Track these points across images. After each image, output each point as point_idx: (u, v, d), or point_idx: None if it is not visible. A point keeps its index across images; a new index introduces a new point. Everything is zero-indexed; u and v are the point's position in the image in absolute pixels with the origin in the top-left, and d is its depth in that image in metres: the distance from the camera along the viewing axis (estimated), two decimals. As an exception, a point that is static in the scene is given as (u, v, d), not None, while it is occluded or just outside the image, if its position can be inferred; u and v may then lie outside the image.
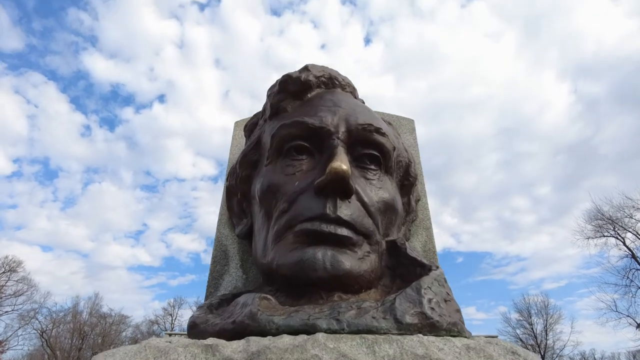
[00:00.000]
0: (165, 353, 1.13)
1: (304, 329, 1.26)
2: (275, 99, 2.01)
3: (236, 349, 1.15)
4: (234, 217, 2.21)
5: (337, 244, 1.55)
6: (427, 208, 2.32)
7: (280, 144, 1.81)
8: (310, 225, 1.56)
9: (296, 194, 1.66)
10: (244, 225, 2.11)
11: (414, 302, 1.34)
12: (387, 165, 1.86)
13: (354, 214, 1.61)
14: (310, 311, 1.35)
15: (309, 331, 1.24)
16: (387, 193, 1.79)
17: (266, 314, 1.35)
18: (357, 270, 1.54)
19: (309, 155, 1.78)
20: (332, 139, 1.74)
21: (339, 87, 2.11)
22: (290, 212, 1.64)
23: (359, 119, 1.82)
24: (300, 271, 1.50)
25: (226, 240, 2.24)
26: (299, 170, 1.74)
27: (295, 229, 1.59)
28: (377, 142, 1.80)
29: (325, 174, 1.57)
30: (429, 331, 1.28)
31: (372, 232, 1.65)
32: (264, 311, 1.36)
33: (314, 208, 1.58)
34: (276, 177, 1.76)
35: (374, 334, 1.23)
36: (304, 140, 1.78)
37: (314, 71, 2.03)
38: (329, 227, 1.55)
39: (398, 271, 1.68)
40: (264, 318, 1.33)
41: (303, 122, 1.78)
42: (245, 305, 1.44)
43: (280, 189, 1.71)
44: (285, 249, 1.59)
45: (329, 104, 1.89)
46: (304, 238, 1.56)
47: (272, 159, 1.84)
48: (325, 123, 1.77)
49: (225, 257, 2.19)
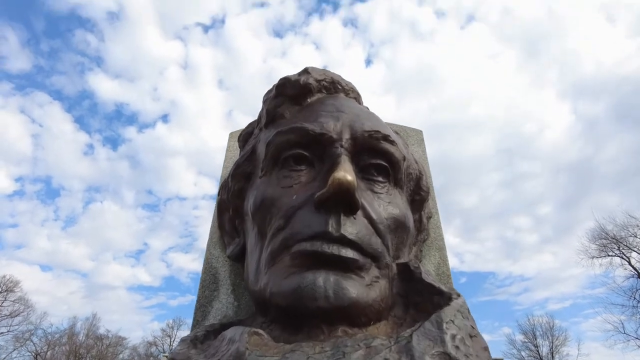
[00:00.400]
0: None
1: None
2: (272, 104, 1.81)
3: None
4: (226, 236, 1.99)
5: (341, 268, 1.33)
6: (440, 226, 2.10)
7: (277, 152, 1.60)
8: (310, 246, 1.33)
9: (294, 209, 1.44)
10: (235, 245, 1.89)
11: (435, 340, 1.11)
12: (396, 177, 1.64)
13: (361, 232, 1.39)
14: (308, 350, 1.12)
15: None
16: (397, 208, 1.57)
17: (256, 353, 1.12)
18: (364, 299, 1.31)
19: (309, 166, 1.57)
20: (334, 147, 1.53)
21: (342, 92, 1.91)
22: (286, 230, 1.42)
23: (365, 125, 1.62)
24: (298, 300, 1.27)
25: (216, 262, 2.01)
26: (297, 182, 1.53)
27: (292, 249, 1.37)
28: (385, 150, 1.59)
29: (327, 186, 1.35)
30: None
31: (381, 254, 1.43)
32: (254, 350, 1.13)
33: (314, 225, 1.36)
34: (271, 190, 1.55)
35: None
36: (303, 148, 1.57)
37: (314, 74, 1.84)
38: (332, 247, 1.33)
39: (411, 299, 1.45)
40: (253, 359, 1.09)
41: (302, 128, 1.57)
42: (232, 341, 1.21)
43: (276, 203, 1.50)
44: (280, 273, 1.36)
45: (331, 109, 1.69)
46: (302, 260, 1.34)
47: (267, 170, 1.63)
48: (327, 129, 1.57)
49: (215, 282, 1.95)
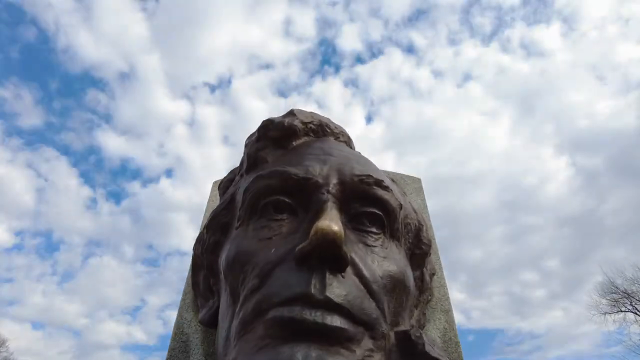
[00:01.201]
0: None
1: None
2: (254, 147, 1.63)
3: None
4: (199, 296, 1.73)
5: (325, 340, 1.07)
6: (445, 285, 1.84)
7: (255, 200, 1.39)
8: (288, 312, 1.08)
9: (271, 265, 1.21)
10: (208, 308, 1.63)
11: None
12: (392, 228, 1.42)
13: (350, 294, 1.14)
14: None
15: None
16: (394, 264, 1.34)
17: None
18: None
19: (291, 214, 1.36)
20: (320, 193, 1.33)
21: (331, 135, 1.74)
22: (261, 291, 1.17)
23: (355, 169, 1.42)
24: None
25: (188, 327, 1.74)
26: (277, 234, 1.31)
27: (266, 316, 1.12)
28: (378, 197, 1.39)
29: (309, 237, 1.13)
30: None
31: (375, 321, 1.17)
32: None
33: (294, 285, 1.12)
34: (247, 242, 1.32)
35: None
36: (285, 195, 1.37)
37: (300, 116, 1.68)
38: (315, 314, 1.08)
39: None
40: None
41: (284, 172, 1.38)
42: None
43: (252, 258, 1.27)
44: (251, 346, 1.10)
45: (318, 152, 1.51)
46: (278, 330, 1.08)
47: (243, 219, 1.41)
48: (313, 173, 1.37)
49: (186, 351, 1.67)
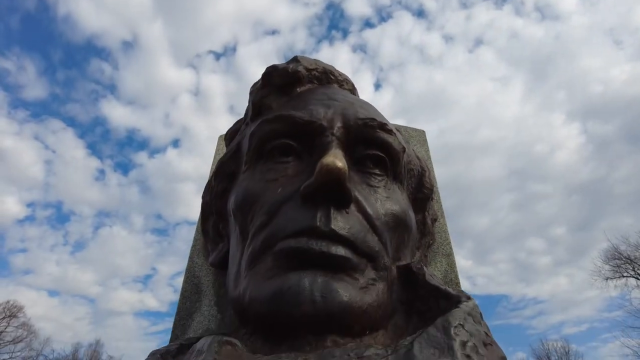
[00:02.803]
0: None
1: None
2: (258, 95, 1.65)
3: None
4: (209, 242, 1.80)
5: (330, 268, 1.13)
6: (446, 230, 1.90)
7: (261, 144, 1.43)
8: (295, 243, 1.14)
9: (278, 204, 1.26)
10: (218, 251, 1.70)
11: (441, 348, 0.91)
12: (395, 171, 1.46)
13: (354, 227, 1.19)
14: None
15: None
16: (396, 204, 1.38)
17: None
18: (358, 304, 1.10)
19: (296, 158, 1.39)
20: (324, 136, 1.35)
21: (335, 82, 1.75)
22: (269, 227, 1.23)
23: (359, 113, 1.44)
24: (279, 306, 1.08)
25: (199, 271, 1.82)
26: (283, 175, 1.35)
27: (275, 248, 1.18)
28: (382, 140, 1.41)
29: (314, 174, 1.18)
30: None
31: (378, 253, 1.23)
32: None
33: (300, 220, 1.17)
34: (254, 184, 1.37)
35: None
36: (290, 138, 1.40)
37: (304, 63, 1.68)
38: (320, 244, 1.13)
39: (415, 307, 1.24)
40: None
41: (289, 117, 1.40)
42: (200, 352, 1.02)
43: (259, 198, 1.31)
44: (261, 276, 1.17)
45: (322, 97, 1.53)
46: (285, 260, 1.14)
47: (250, 163, 1.45)
48: (317, 117, 1.39)
49: (198, 292, 1.76)
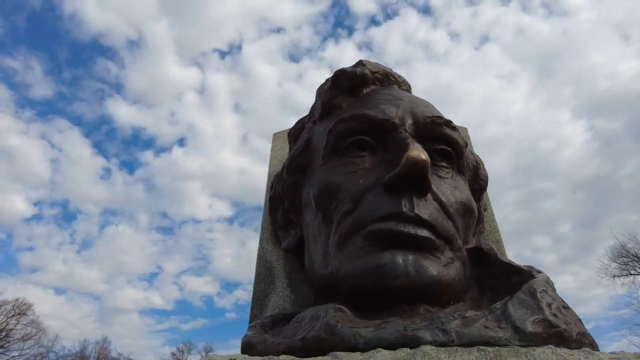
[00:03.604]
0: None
1: (402, 342, 1.00)
2: (327, 96, 1.84)
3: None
4: (279, 229, 1.99)
5: (417, 248, 1.31)
6: (494, 219, 2.08)
7: (338, 140, 1.61)
8: (384, 226, 1.32)
9: (361, 193, 1.44)
10: (292, 237, 1.88)
11: (532, 308, 1.09)
12: (459, 164, 1.64)
13: (433, 213, 1.38)
14: (403, 322, 1.10)
15: (408, 345, 0.99)
16: (463, 194, 1.56)
17: (347, 326, 1.10)
18: (445, 277, 1.29)
19: (371, 153, 1.57)
20: (398, 132, 1.54)
21: (395, 83, 1.93)
22: (356, 213, 1.41)
23: (426, 112, 1.63)
24: (377, 279, 1.26)
25: (270, 256, 2.01)
26: (361, 168, 1.53)
27: (364, 231, 1.36)
28: (448, 136, 1.60)
29: (400, 165, 1.35)
30: (556, 342, 1.02)
31: (453, 236, 1.41)
32: (344, 323, 1.11)
33: (387, 206, 1.35)
34: (335, 176, 1.55)
35: (492, 345, 0.97)
36: (366, 135, 1.58)
37: (369, 66, 1.87)
38: (407, 227, 1.31)
39: (486, 283, 1.42)
40: (346, 331, 1.08)
41: (364, 115, 1.58)
42: (316, 318, 1.20)
43: (342, 188, 1.49)
44: (352, 255, 1.35)
45: (389, 97, 1.71)
46: (375, 241, 1.33)
47: (328, 158, 1.63)
48: (390, 115, 1.57)
49: (270, 275, 1.94)
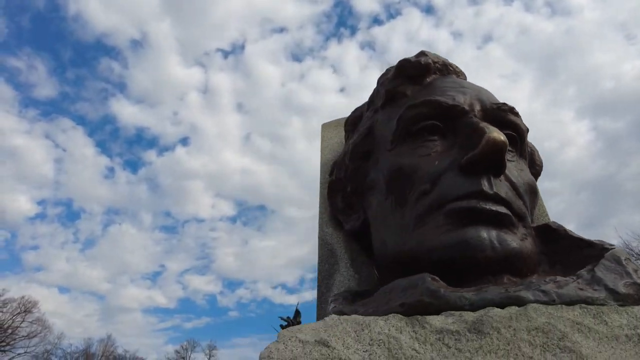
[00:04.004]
0: (366, 325, 0.98)
1: (508, 302, 1.09)
2: (391, 84, 1.93)
3: (444, 321, 1.00)
4: (339, 213, 2.08)
5: (497, 224, 1.41)
6: (543, 205, 2.17)
7: (409, 125, 1.70)
8: (466, 204, 1.42)
9: (438, 174, 1.53)
10: (354, 220, 1.98)
11: (619, 274, 1.18)
12: (522, 149, 1.73)
13: (508, 193, 1.48)
14: (499, 287, 1.19)
15: (514, 304, 1.08)
16: (527, 176, 1.66)
17: (449, 290, 1.20)
18: (524, 250, 1.39)
19: (441, 137, 1.67)
20: (469, 117, 1.63)
21: (454, 73, 2.03)
22: (434, 193, 1.51)
23: (492, 99, 1.72)
24: (463, 252, 1.35)
25: (331, 239, 2.11)
26: (434, 151, 1.62)
27: (445, 208, 1.45)
28: (513, 122, 1.69)
29: (479, 146, 1.44)
30: None
31: (525, 214, 1.51)
32: (446, 289, 1.21)
33: (466, 185, 1.45)
34: (408, 159, 1.64)
35: (591, 304, 1.07)
36: (436, 120, 1.67)
37: (430, 56, 1.96)
38: (488, 204, 1.41)
39: (556, 257, 1.52)
40: (450, 294, 1.17)
41: (435, 101, 1.68)
42: (412, 286, 1.29)
43: (417, 170, 1.59)
44: (435, 231, 1.44)
45: (454, 85, 1.80)
46: (457, 218, 1.42)
47: (397, 143, 1.72)
48: (459, 102, 1.67)
49: (333, 256, 2.04)
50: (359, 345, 0.92)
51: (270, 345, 0.92)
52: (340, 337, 0.93)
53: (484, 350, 0.89)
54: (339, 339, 0.93)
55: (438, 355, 0.89)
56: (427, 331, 0.96)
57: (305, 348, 0.91)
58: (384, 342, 0.92)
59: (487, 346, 0.89)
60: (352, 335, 0.94)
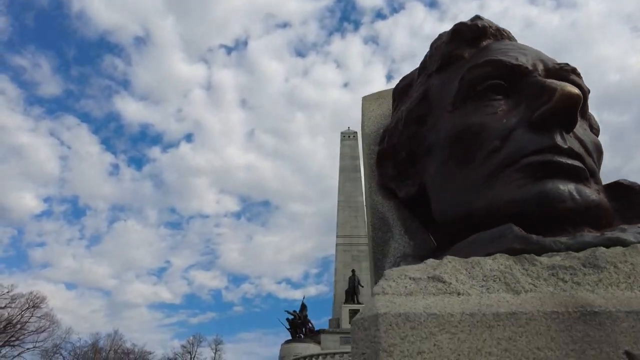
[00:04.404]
0: (476, 263, 0.96)
1: (609, 243, 1.07)
2: (448, 48, 1.90)
3: (552, 259, 0.98)
4: (391, 181, 2.06)
5: (573, 177, 1.39)
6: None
7: (473, 85, 1.68)
8: (542, 158, 1.40)
9: (508, 131, 1.51)
10: (409, 186, 1.96)
11: None
12: (583, 110, 1.71)
13: (580, 148, 1.46)
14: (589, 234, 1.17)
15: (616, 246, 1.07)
16: (592, 135, 1.65)
17: (540, 237, 1.18)
18: (604, 202, 1.37)
19: (505, 97, 1.64)
20: (532, 76, 1.60)
21: (507, 38, 2.00)
22: (505, 149, 1.49)
23: (553, 60, 1.70)
24: (543, 204, 1.33)
25: (382, 207, 2.09)
26: (500, 110, 1.60)
27: (519, 164, 1.43)
28: (576, 82, 1.66)
29: (552, 100, 1.42)
30: None
31: (595, 170, 1.50)
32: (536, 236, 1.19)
33: (539, 140, 1.43)
34: (474, 118, 1.62)
35: None
36: (501, 79, 1.65)
37: (485, 20, 1.94)
38: (563, 158, 1.39)
39: (631, 213, 1.50)
40: (542, 240, 1.15)
41: (498, 61, 1.65)
42: (498, 237, 1.27)
43: (485, 128, 1.57)
44: (509, 187, 1.42)
45: (513, 47, 1.77)
46: (533, 172, 1.40)
47: (459, 104, 1.70)
48: (522, 61, 1.64)
49: (386, 224, 2.03)
50: (473, 281, 0.90)
51: (380, 282, 0.90)
52: (452, 274, 0.92)
53: (604, 283, 0.87)
54: (452, 275, 0.91)
55: (555, 288, 0.88)
56: (539, 268, 0.94)
57: (419, 284, 0.89)
58: (499, 277, 0.91)
59: (607, 279, 0.88)
60: (463, 273, 0.93)
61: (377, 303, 0.81)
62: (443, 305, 0.80)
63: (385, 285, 0.89)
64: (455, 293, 0.86)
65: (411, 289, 0.87)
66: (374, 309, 0.80)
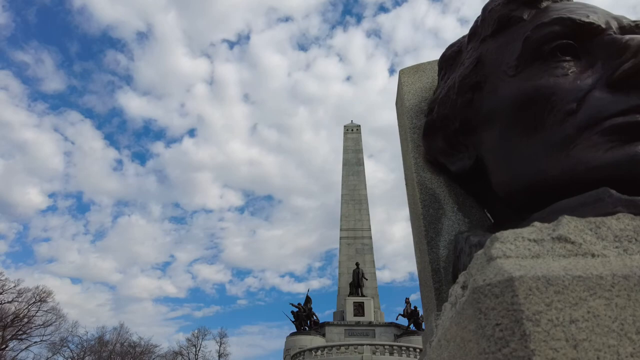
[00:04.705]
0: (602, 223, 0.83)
1: None
2: (505, 9, 1.77)
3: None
4: (441, 155, 1.94)
5: None
6: None
7: (537, 46, 1.54)
8: (629, 119, 1.28)
9: (583, 92, 1.39)
10: (464, 159, 1.84)
11: None
12: None
13: None
14: None
15: None
16: None
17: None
18: None
19: (575, 58, 1.51)
20: (607, 34, 1.47)
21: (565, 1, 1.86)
22: (583, 112, 1.36)
23: (627, 18, 1.56)
24: (634, 167, 1.22)
25: (430, 183, 1.97)
26: (572, 71, 1.47)
27: (599, 127, 1.31)
28: None
29: (637, 57, 1.30)
30: None
31: None
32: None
33: (624, 101, 1.30)
34: (541, 81, 1.49)
35: None
36: (571, 39, 1.52)
37: None
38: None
39: None
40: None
41: (568, 19, 1.52)
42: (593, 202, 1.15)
43: (556, 91, 1.44)
44: (592, 150, 1.30)
45: (580, 6, 1.64)
46: (617, 135, 1.28)
47: (523, 66, 1.57)
48: (593, 19, 1.51)
49: (437, 201, 1.91)
50: (604, 242, 0.78)
51: (496, 245, 0.78)
52: (577, 234, 0.79)
53: None
54: (577, 236, 0.79)
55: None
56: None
57: (543, 246, 0.77)
58: (634, 237, 0.78)
59: None
60: (589, 233, 0.80)
61: (504, 266, 0.69)
62: (585, 266, 0.68)
63: (504, 248, 0.76)
64: (590, 254, 0.74)
65: (536, 251, 0.75)
66: (504, 272, 0.67)
